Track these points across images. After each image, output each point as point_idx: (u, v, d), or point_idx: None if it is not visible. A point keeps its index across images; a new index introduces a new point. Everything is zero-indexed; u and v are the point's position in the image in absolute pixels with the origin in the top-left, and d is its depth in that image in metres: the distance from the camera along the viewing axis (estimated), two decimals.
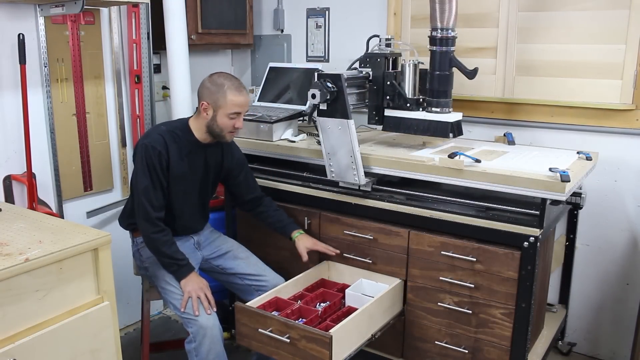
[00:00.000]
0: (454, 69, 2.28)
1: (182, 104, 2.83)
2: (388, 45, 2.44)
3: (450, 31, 2.24)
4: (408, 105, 2.35)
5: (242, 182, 2.39)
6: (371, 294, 2.20)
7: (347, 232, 2.38)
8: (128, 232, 2.35)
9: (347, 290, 2.23)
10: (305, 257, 2.33)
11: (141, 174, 2.08)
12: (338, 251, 2.38)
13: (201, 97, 2.14)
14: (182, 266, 2.12)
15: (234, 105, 2.10)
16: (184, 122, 2.21)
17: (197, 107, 2.19)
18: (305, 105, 2.66)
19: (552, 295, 2.69)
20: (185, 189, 2.20)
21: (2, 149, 2.40)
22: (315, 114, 2.28)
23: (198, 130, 2.18)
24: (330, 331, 1.83)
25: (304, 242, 2.35)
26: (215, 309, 2.11)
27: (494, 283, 2.06)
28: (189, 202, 2.24)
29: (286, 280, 2.29)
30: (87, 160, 2.73)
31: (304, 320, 2.06)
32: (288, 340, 1.89)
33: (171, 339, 2.92)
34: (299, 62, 3.37)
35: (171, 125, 2.21)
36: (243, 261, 2.37)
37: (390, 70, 2.40)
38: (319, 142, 2.35)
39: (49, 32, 2.48)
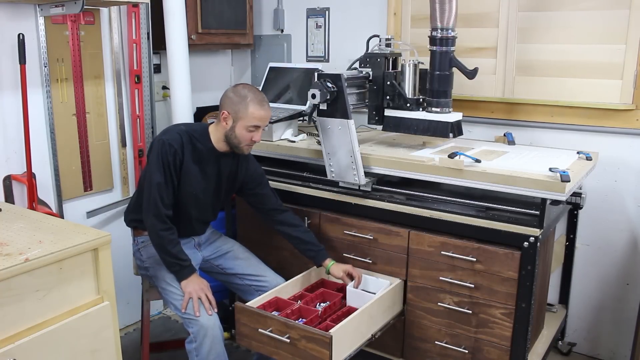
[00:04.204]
0: (454, 69, 2.28)
1: (182, 104, 2.83)
2: (388, 45, 2.45)
3: (450, 31, 2.24)
4: (408, 105, 2.35)
5: (258, 195, 2.35)
6: (372, 290, 2.19)
7: (347, 232, 2.38)
8: (129, 230, 2.35)
9: (347, 287, 2.23)
10: (348, 282, 2.26)
11: (155, 169, 2.07)
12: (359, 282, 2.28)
13: (223, 106, 2.13)
14: (184, 267, 2.12)
15: (254, 119, 2.09)
16: (204, 127, 2.20)
17: (218, 117, 2.17)
18: (305, 105, 2.66)
19: (552, 295, 2.69)
20: (195, 193, 2.18)
21: (2, 149, 2.40)
22: (315, 114, 2.28)
23: (216, 138, 2.17)
24: (330, 331, 1.83)
25: (340, 268, 2.28)
26: (216, 310, 2.11)
27: (494, 283, 2.06)
28: (197, 207, 2.23)
29: (286, 280, 2.29)
30: (87, 160, 2.73)
31: (304, 320, 2.06)
32: (288, 340, 1.89)
33: (171, 339, 2.92)
34: (299, 62, 3.37)
35: (191, 127, 2.20)
36: (243, 261, 2.36)
37: (390, 70, 2.40)
38: (319, 142, 2.35)
39: (49, 32, 2.48)
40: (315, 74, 2.25)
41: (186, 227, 2.24)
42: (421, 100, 2.36)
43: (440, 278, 2.17)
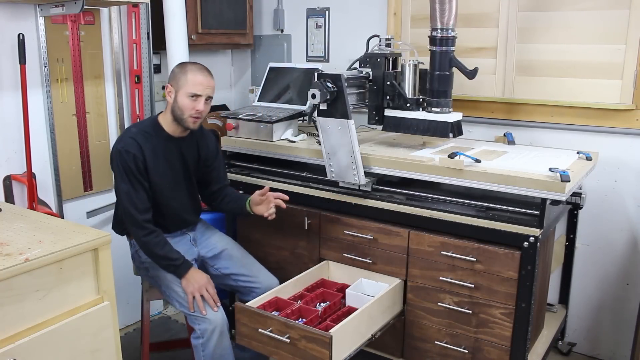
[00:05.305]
0: (454, 69, 2.28)
1: None
2: (388, 45, 2.45)
3: (450, 31, 2.24)
4: (408, 105, 2.35)
5: (213, 171, 2.38)
6: (371, 294, 2.20)
7: (347, 232, 2.37)
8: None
9: (347, 290, 2.23)
10: (271, 207, 2.26)
11: (120, 180, 2.08)
12: (286, 197, 2.29)
13: (168, 82, 2.17)
14: (178, 266, 2.12)
15: (194, 84, 2.09)
16: (154, 120, 2.21)
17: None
18: (305, 105, 2.66)
19: (552, 295, 2.69)
20: (169, 186, 2.20)
21: (2, 149, 2.40)
22: (315, 114, 2.28)
23: (167, 123, 2.18)
24: (330, 331, 1.83)
25: (254, 198, 2.30)
26: (219, 304, 2.11)
27: (494, 283, 2.06)
28: (176, 198, 2.24)
29: (284, 280, 2.28)
30: (87, 160, 2.73)
31: (304, 320, 2.06)
32: (288, 341, 1.89)
33: (171, 339, 2.92)
34: (299, 62, 3.37)
35: (141, 125, 2.21)
36: (237, 261, 2.36)
37: (390, 70, 2.40)
38: (319, 142, 2.35)
39: (49, 32, 2.48)
40: (315, 74, 2.25)
41: (175, 221, 2.25)
42: (421, 100, 2.36)
43: (440, 278, 2.17)
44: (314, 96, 2.18)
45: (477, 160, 2.10)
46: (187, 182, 2.28)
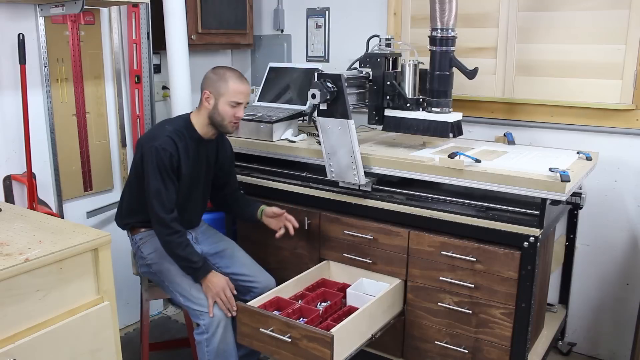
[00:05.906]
0: (454, 69, 2.28)
1: (182, 104, 2.83)
2: (388, 45, 2.45)
3: (450, 31, 2.24)
4: (408, 105, 2.35)
5: (227, 174, 2.42)
6: (372, 293, 2.20)
7: (347, 232, 2.38)
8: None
9: (348, 290, 2.23)
10: (279, 226, 2.37)
11: (152, 177, 2.06)
12: (297, 225, 2.38)
13: (203, 87, 2.18)
14: (197, 269, 2.11)
15: (236, 93, 2.13)
16: (187, 119, 2.22)
17: (200, 100, 2.20)
18: (305, 105, 2.66)
19: (552, 295, 2.69)
20: (190, 186, 2.21)
21: (2, 149, 2.40)
22: (315, 114, 2.28)
23: (200, 125, 2.19)
24: (331, 331, 1.83)
25: (268, 210, 2.38)
26: (235, 309, 2.10)
27: (494, 283, 2.06)
28: (192, 198, 2.26)
29: (284, 280, 2.28)
30: (87, 160, 2.73)
31: (305, 319, 2.06)
32: (289, 340, 1.89)
33: (171, 339, 2.92)
34: (299, 62, 3.37)
35: (175, 123, 2.21)
36: (238, 260, 2.36)
37: (390, 70, 2.40)
38: (319, 142, 2.35)
39: (49, 32, 2.48)
40: (315, 74, 2.25)
41: (183, 221, 2.25)
42: (421, 100, 2.36)
43: (440, 278, 2.17)
44: (314, 96, 2.18)
45: (477, 160, 2.10)
46: (204, 183, 2.30)
